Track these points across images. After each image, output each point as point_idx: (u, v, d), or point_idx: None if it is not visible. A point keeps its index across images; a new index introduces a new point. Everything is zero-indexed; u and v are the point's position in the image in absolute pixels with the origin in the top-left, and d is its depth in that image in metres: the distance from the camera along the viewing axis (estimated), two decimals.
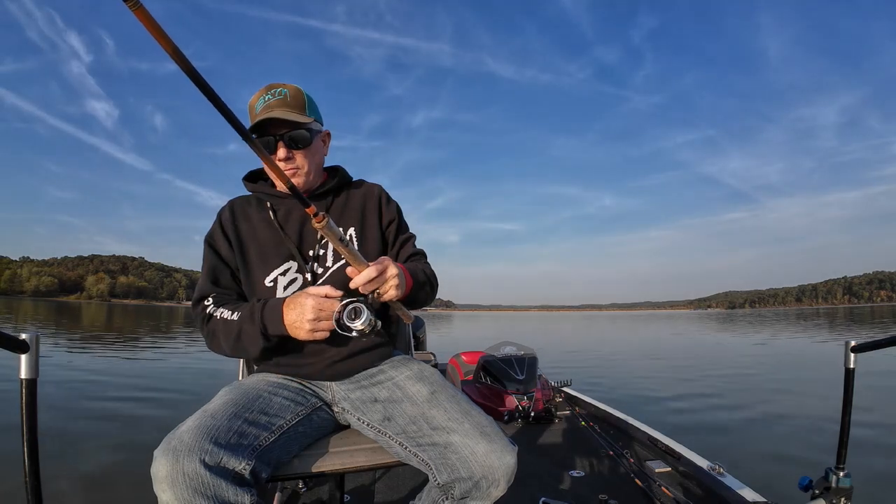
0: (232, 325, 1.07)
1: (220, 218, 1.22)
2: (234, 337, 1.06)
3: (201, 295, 1.15)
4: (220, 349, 1.11)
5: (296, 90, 1.15)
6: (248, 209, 1.23)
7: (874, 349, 1.33)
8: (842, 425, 1.45)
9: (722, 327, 28.17)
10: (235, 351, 1.09)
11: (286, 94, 1.13)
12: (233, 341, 1.07)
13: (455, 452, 0.96)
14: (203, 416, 0.91)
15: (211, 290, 1.15)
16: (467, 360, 4.19)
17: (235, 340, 1.06)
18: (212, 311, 1.11)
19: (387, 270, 0.99)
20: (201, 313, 1.12)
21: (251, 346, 1.06)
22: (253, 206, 1.24)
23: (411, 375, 1.13)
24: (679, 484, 2.11)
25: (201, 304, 1.13)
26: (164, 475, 0.81)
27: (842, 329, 20.92)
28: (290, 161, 1.14)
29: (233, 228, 1.20)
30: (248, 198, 1.26)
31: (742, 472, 2.06)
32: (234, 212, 1.23)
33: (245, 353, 1.12)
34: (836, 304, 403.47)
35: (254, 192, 1.24)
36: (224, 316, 1.08)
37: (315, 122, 1.18)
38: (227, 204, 1.25)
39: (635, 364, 9.67)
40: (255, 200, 1.25)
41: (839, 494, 1.42)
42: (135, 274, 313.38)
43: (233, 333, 1.06)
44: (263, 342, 1.05)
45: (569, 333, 24.26)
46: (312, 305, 0.99)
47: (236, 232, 1.19)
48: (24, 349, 0.82)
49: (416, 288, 1.12)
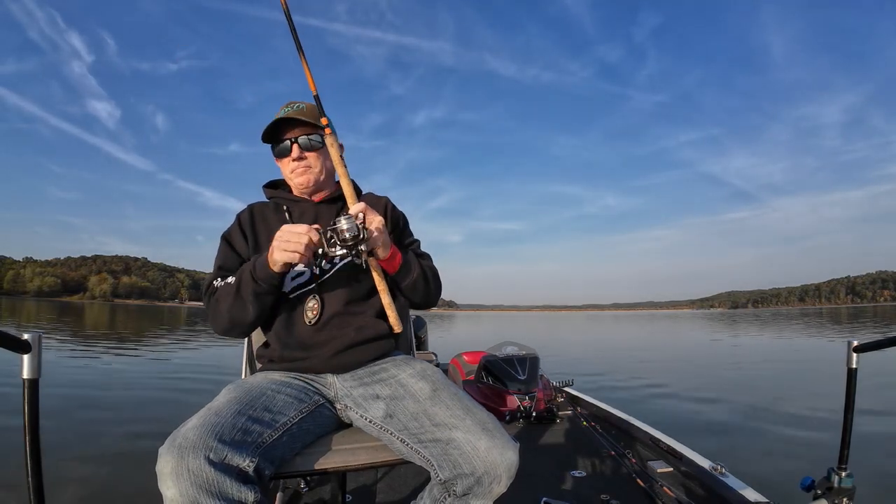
0: (231, 285, 1.15)
1: (239, 218, 1.32)
2: (233, 292, 1.13)
3: (210, 279, 1.23)
4: (221, 315, 1.16)
5: (312, 105, 1.25)
6: (266, 211, 1.33)
7: (876, 349, 1.33)
8: (844, 425, 1.45)
9: (724, 327, 28.12)
10: (234, 309, 1.14)
11: (303, 108, 1.25)
12: (232, 298, 1.13)
13: (457, 449, 0.96)
14: (207, 414, 0.92)
15: (220, 275, 1.23)
16: (469, 360, 4.19)
17: (235, 296, 1.13)
18: (217, 284, 1.20)
19: (376, 213, 1.11)
20: (209, 292, 1.20)
21: (248, 295, 1.11)
22: (270, 209, 1.34)
23: (413, 373, 1.15)
24: (681, 484, 2.11)
25: (210, 286, 1.21)
26: (168, 472, 0.81)
27: (844, 329, 20.86)
28: (302, 161, 1.26)
29: (250, 227, 1.29)
30: (267, 203, 1.36)
31: (744, 472, 2.06)
32: (253, 213, 1.33)
33: (243, 309, 1.14)
34: (839, 304, 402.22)
35: (272, 197, 1.35)
36: (228, 281, 1.17)
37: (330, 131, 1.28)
38: (246, 207, 1.36)
39: (636, 364, 9.66)
40: (273, 205, 1.34)
41: (841, 494, 1.42)
42: (137, 274, 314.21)
43: (232, 290, 1.13)
44: (254, 286, 1.10)
45: (570, 333, 24.24)
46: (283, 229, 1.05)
47: (253, 230, 1.29)
48: (26, 349, 0.82)
49: (406, 266, 1.20)
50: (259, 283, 1.11)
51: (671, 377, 7.52)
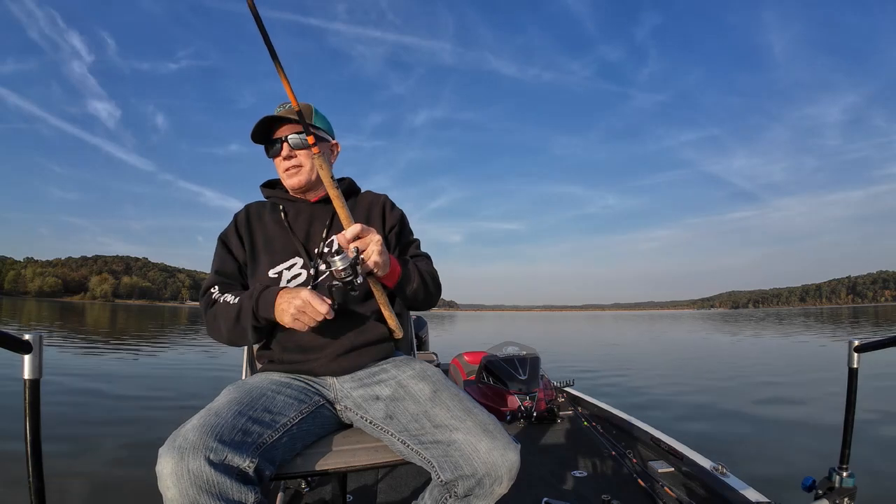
0: (232, 308, 1.13)
1: (236, 218, 1.33)
2: (233, 318, 1.12)
3: (208, 285, 1.23)
4: (220, 333, 1.17)
5: (306, 105, 1.25)
6: (263, 211, 1.34)
7: (878, 349, 1.32)
8: (845, 425, 1.44)
9: (725, 327, 28.10)
10: (233, 333, 1.14)
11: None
12: (232, 323, 1.13)
13: (458, 450, 0.96)
14: (208, 415, 0.92)
15: (217, 280, 1.23)
16: (469, 360, 4.19)
17: (234, 321, 1.12)
18: (216, 297, 1.18)
19: (373, 233, 1.06)
20: (207, 300, 1.20)
21: (248, 325, 1.11)
22: (267, 209, 1.34)
23: (414, 374, 1.14)
24: (682, 484, 2.11)
25: (208, 293, 1.21)
26: (168, 473, 0.81)
27: (845, 329, 20.83)
28: (292, 160, 1.25)
29: (246, 227, 1.30)
30: (263, 202, 1.37)
31: (745, 473, 2.06)
32: (250, 213, 1.34)
33: (242, 336, 1.15)
34: (839, 304, 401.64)
35: (269, 197, 1.36)
36: (227, 300, 1.16)
37: (321, 131, 1.29)
38: (243, 207, 1.36)
39: (637, 364, 9.65)
40: (269, 205, 1.35)
41: (843, 495, 1.41)
42: (138, 274, 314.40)
43: (232, 315, 1.12)
44: (254, 321, 1.10)
45: (571, 333, 24.23)
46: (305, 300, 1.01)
47: (249, 230, 1.30)
48: (27, 350, 0.82)
49: (406, 279, 1.18)
50: (259, 321, 1.11)
51: (672, 377, 7.52)
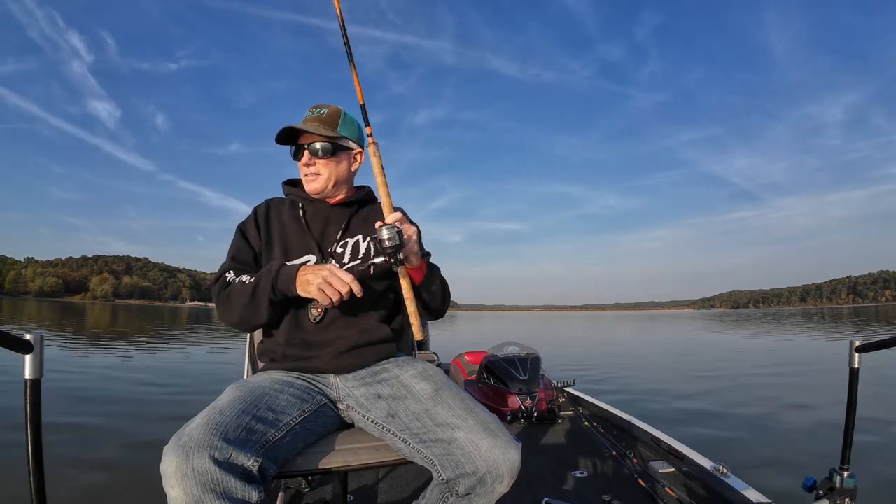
0: (248, 286, 1.15)
1: (256, 211, 1.35)
2: (249, 294, 1.14)
3: (223, 269, 1.24)
4: (232, 313, 1.17)
5: (335, 110, 1.30)
6: (282, 207, 1.36)
7: (879, 349, 1.32)
8: (846, 426, 1.44)
9: (725, 327, 28.08)
10: (246, 310, 1.15)
11: (324, 112, 1.29)
12: (247, 299, 1.14)
13: (459, 448, 0.97)
14: (212, 413, 0.92)
15: (233, 266, 1.24)
16: (470, 361, 4.19)
17: (250, 298, 1.14)
18: (231, 279, 1.20)
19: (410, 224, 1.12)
20: (221, 282, 1.20)
21: (263, 301, 1.13)
22: (286, 205, 1.37)
23: (415, 374, 1.16)
24: (683, 484, 2.11)
25: (223, 276, 1.22)
26: (173, 471, 0.82)
27: (846, 329, 20.82)
28: (311, 167, 1.28)
29: (265, 220, 1.33)
30: (283, 199, 1.39)
31: (746, 473, 2.06)
32: (270, 207, 1.36)
33: (255, 313, 1.15)
34: (840, 304, 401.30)
35: (289, 194, 1.38)
36: (243, 280, 1.18)
37: (344, 139, 1.30)
38: (264, 201, 1.39)
39: (638, 364, 9.65)
40: (289, 202, 1.38)
41: (843, 495, 1.41)
42: (139, 274, 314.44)
43: (248, 292, 1.14)
44: (271, 295, 1.12)
45: (572, 333, 24.23)
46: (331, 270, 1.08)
47: (267, 224, 1.32)
48: (28, 349, 0.82)
49: (431, 276, 1.23)
50: (276, 294, 1.13)
51: (672, 377, 7.52)
